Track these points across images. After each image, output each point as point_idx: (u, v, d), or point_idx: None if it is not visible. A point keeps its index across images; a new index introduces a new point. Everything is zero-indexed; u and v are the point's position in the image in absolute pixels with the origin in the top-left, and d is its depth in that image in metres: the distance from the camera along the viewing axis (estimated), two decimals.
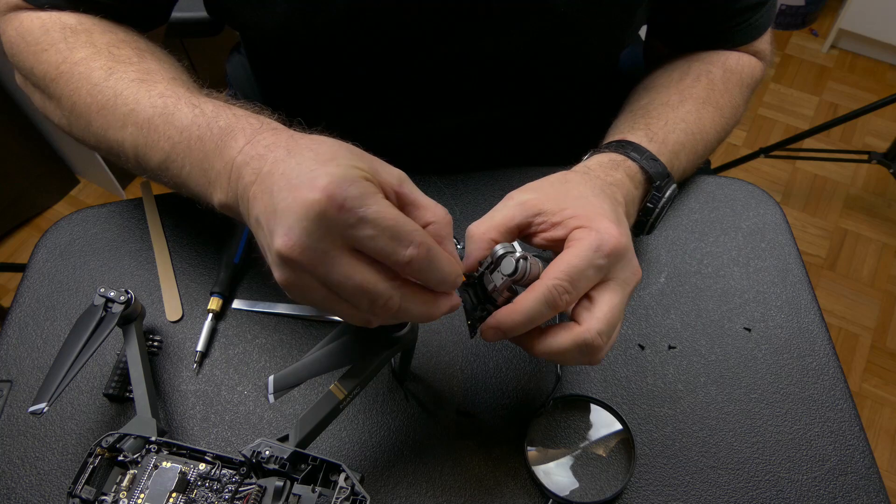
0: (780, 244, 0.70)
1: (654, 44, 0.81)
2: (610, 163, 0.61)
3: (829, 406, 0.60)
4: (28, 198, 1.87)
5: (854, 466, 0.57)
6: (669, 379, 0.61)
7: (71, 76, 0.57)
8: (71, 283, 0.66)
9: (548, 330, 0.50)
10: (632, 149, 0.62)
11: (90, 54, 0.58)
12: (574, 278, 0.48)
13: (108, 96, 0.55)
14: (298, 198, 0.40)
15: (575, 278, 0.48)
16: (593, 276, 0.49)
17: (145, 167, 0.55)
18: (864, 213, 2.01)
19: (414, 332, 0.52)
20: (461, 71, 0.70)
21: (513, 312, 0.48)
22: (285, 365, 0.61)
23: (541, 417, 0.58)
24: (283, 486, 0.45)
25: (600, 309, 0.49)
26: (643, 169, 0.61)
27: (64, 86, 0.57)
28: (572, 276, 0.48)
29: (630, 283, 0.51)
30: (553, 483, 0.55)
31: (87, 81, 0.56)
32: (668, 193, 0.62)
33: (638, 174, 0.61)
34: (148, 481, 0.46)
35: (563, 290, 0.48)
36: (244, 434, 0.58)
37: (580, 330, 0.49)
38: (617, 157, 0.61)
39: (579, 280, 0.48)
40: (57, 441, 0.57)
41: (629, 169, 0.61)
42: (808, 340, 0.63)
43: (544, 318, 0.49)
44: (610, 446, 0.57)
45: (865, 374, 1.70)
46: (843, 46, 2.46)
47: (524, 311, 0.48)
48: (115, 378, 0.59)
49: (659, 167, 0.61)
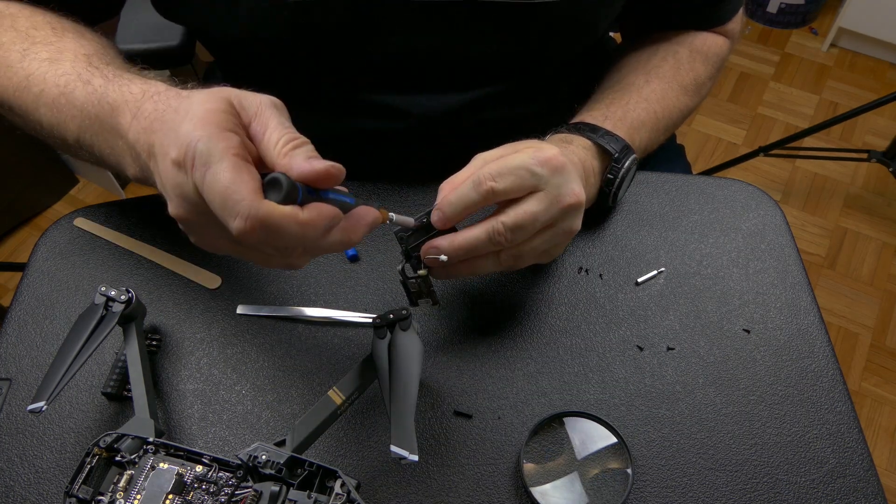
0: (780, 245, 0.69)
1: (627, 25, 0.85)
2: (562, 139, 0.64)
3: (827, 408, 0.60)
4: (28, 197, 1.87)
5: (853, 469, 0.57)
6: (668, 380, 0.61)
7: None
8: (70, 283, 0.66)
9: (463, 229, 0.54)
10: (587, 129, 0.65)
11: (10, 38, 0.58)
12: (503, 172, 0.52)
13: (20, 77, 0.56)
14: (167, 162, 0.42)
15: (504, 172, 0.52)
16: (525, 177, 0.52)
17: (67, 147, 0.56)
18: (864, 211, 2.01)
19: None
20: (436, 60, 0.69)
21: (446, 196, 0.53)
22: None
23: (536, 435, 0.57)
24: (278, 492, 0.45)
25: (518, 208, 0.53)
26: (596, 144, 0.64)
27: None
28: (501, 169, 0.52)
29: (562, 200, 0.54)
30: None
31: (4, 64, 0.57)
32: (626, 164, 0.65)
33: (592, 147, 0.65)
34: (145, 482, 0.46)
35: (489, 177, 0.52)
36: (242, 434, 0.58)
37: (491, 220, 0.53)
38: (568, 136, 0.65)
39: (508, 174, 0.52)
40: (55, 439, 0.57)
41: (582, 142, 0.64)
42: (808, 342, 0.63)
43: (472, 201, 0.52)
44: (607, 464, 0.57)
45: (865, 373, 1.70)
46: (842, 45, 2.46)
47: (456, 193, 0.53)
48: (113, 377, 0.59)
49: (614, 140, 0.65)
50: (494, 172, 0.52)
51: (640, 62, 0.76)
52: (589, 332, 0.64)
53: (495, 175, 0.52)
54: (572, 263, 0.68)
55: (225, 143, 0.40)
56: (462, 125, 0.74)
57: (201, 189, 0.40)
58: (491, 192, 0.52)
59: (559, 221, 0.56)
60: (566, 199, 0.54)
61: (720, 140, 2.20)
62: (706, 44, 0.79)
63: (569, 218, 0.56)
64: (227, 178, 0.39)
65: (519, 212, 0.53)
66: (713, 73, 0.80)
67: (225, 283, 0.66)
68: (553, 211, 0.54)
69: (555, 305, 0.65)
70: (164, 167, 0.42)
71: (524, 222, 0.53)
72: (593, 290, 0.66)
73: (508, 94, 0.74)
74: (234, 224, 0.39)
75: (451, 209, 0.53)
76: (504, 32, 0.66)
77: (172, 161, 0.41)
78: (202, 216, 0.42)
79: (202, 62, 1.70)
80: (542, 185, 0.53)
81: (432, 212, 0.54)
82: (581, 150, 0.63)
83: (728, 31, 0.81)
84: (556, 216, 0.55)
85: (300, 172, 0.41)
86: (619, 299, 0.66)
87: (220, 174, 0.39)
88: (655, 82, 0.73)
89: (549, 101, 0.80)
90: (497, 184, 0.51)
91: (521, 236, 0.54)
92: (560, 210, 0.54)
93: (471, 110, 0.73)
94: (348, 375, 0.52)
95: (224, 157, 0.40)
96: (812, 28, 2.52)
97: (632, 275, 0.67)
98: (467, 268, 0.56)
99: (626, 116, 0.68)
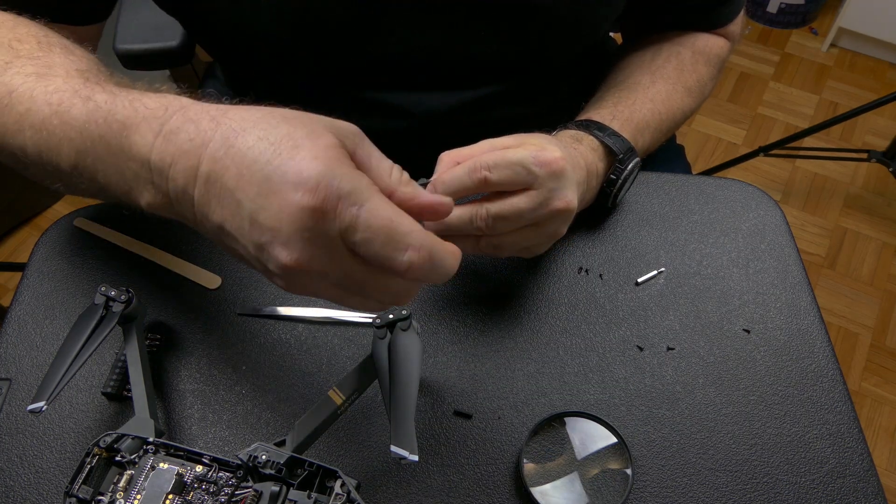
0: (780, 246, 0.69)
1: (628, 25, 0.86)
2: (573, 137, 0.64)
3: (827, 408, 0.60)
4: (28, 197, 1.87)
5: (853, 469, 0.57)
6: (668, 380, 0.61)
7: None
8: (70, 283, 0.66)
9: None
10: (595, 127, 0.65)
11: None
12: (500, 164, 0.52)
13: (1, 94, 0.49)
14: (285, 204, 0.35)
15: (501, 165, 0.52)
16: (520, 173, 0.52)
17: (59, 175, 0.49)
18: (864, 211, 2.01)
19: None
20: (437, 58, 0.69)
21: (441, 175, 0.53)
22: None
23: (536, 435, 0.57)
24: (279, 492, 0.45)
25: (506, 200, 0.53)
26: (604, 144, 0.64)
27: None
28: (499, 161, 0.52)
29: (552, 203, 0.54)
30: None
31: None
32: (630, 166, 0.65)
33: (599, 148, 0.65)
34: (145, 482, 0.46)
35: (484, 166, 0.52)
36: (242, 433, 0.58)
37: (477, 204, 0.54)
38: (578, 134, 0.65)
39: (504, 168, 0.52)
40: (55, 439, 0.57)
41: (591, 143, 0.64)
42: (808, 342, 0.63)
43: (464, 186, 0.52)
44: (607, 464, 0.57)
45: (865, 373, 1.70)
46: (842, 45, 2.46)
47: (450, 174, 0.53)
48: (113, 377, 0.59)
49: (620, 142, 0.65)
50: (491, 163, 0.52)
51: (644, 62, 0.76)
52: (589, 332, 0.64)
53: (492, 165, 0.52)
54: (572, 263, 0.68)
55: (366, 179, 0.37)
56: (462, 124, 0.74)
57: (355, 229, 0.36)
58: (483, 182, 0.52)
59: (545, 223, 0.56)
60: (556, 203, 0.54)
61: (720, 140, 2.20)
62: (708, 45, 0.79)
63: (555, 222, 0.56)
64: (388, 212, 0.37)
65: (506, 204, 0.53)
66: (715, 75, 0.80)
67: (225, 283, 0.66)
68: (540, 212, 0.54)
69: (555, 305, 0.65)
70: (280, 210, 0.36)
71: (508, 215, 0.53)
72: (593, 290, 0.66)
73: (509, 93, 0.74)
74: (405, 256, 0.37)
75: (442, 188, 0.53)
76: (504, 32, 0.66)
77: (303, 206, 0.35)
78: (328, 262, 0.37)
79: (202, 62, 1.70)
80: (536, 184, 0.53)
81: (427, 186, 0.55)
82: (589, 153, 0.64)
83: (729, 33, 0.82)
84: (543, 217, 0.55)
85: (423, 203, 0.41)
86: (619, 299, 0.66)
87: (380, 210, 0.36)
88: (661, 83, 0.73)
89: (549, 101, 0.81)
90: (491, 174, 0.52)
91: (502, 227, 0.54)
92: (548, 212, 0.55)
93: (471, 110, 0.73)
94: (348, 375, 0.52)
95: (373, 192, 0.37)
96: (812, 28, 2.52)
97: (632, 275, 0.67)
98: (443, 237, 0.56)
99: (633, 117, 0.69)
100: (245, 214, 0.37)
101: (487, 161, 0.52)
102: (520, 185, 0.53)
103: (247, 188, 0.36)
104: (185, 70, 1.76)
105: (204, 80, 1.00)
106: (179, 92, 0.45)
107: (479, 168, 0.52)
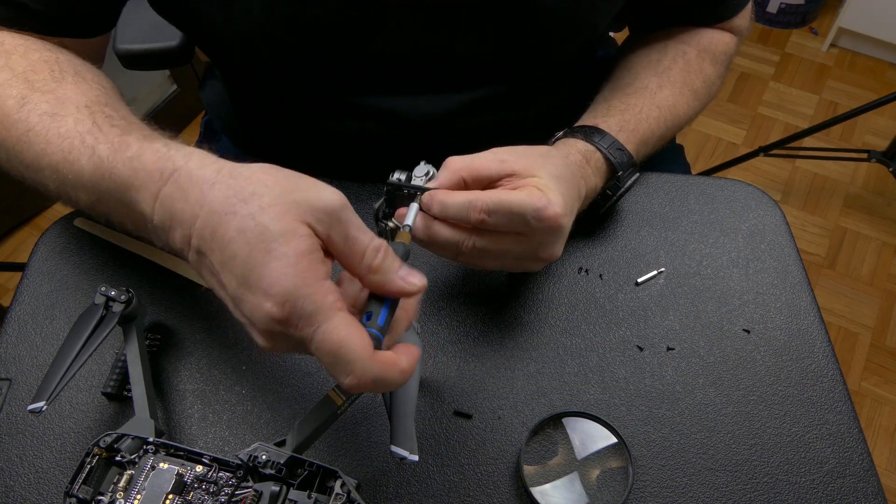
0: (780, 246, 0.70)
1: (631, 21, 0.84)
2: (583, 155, 0.64)
3: (827, 408, 0.60)
4: (28, 197, 1.87)
5: (852, 469, 0.57)
6: (668, 380, 0.61)
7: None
8: (70, 283, 0.66)
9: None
10: (602, 137, 0.65)
11: (5, 79, 0.55)
12: (500, 210, 0.52)
13: (21, 131, 0.53)
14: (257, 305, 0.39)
15: (500, 210, 0.52)
16: (517, 223, 0.53)
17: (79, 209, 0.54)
18: (864, 211, 2.01)
19: None
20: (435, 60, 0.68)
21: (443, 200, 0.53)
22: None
23: (536, 435, 0.58)
24: (279, 492, 0.45)
25: (494, 237, 0.54)
26: (608, 160, 0.65)
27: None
28: (500, 206, 0.52)
29: (539, 253, 0.56)
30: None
31: (1, 112, 0.54)
32: (627, 184, 0.66)
33: (604, 166, 0.65)
34: (145, 482, 0.46)
35: (484, 208, 0.52)
36: (242, 434, 0.58)
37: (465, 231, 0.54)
38: (588, 149, 0.65)
39: (503, 214, 0.52)
40: (55, 439, 0.57)
41: (597, 162, 0.65)
42: (808, 342, 0.63)
43: (461, 219, 0.53)
44: (607, 464, 0.57)
45: (865, 373, 1.70)
46: (842, 45, 2.46)
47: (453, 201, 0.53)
48: (113, 377, 0.59)
49: (624, 157, 0.65)
50: (491, 206, 0.52)
51: (650, 62, 0.75)
52: (589, 332, 0.64)
53: (491, 209, 0.52)
54: (572, 263, 0.68)
55: (331, 296, 0.39)
56: (461, 127, 0.73)
57: (309, 344, 0.39)
58: (480, 223, 0.53)
59: (523, 259, 0.57)
60: (542, 254, 0.56)
61: (720, 140, 2.20)
62: (713, 42, 0.78)
63: (533, 262, 0.58)
64: (338, 336, 0.39)
65: (494, 237, 0.55)
66: (722, 73, 0.79)
67: None
68: (525, 255, 0.56)
69: (555, 305, 0.65)
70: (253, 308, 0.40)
71: (493, 250, 0.55)
72: (593, 290, 0.66)
73: (508, 95, 0.74)
74: (346, 381, 0.39)
75: (439, 211, 0.54)
76: (503, 31, 0.66)
77: (271, 316, 0.39)
78: (293, 349, 0.42)
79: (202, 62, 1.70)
80: (529, 233, 0.54)
81: (426, 198, 0.55)
82: (594, 177, 0.64)
83: (735, 28, 0.80)
84: (524, 256, 0.57)
85: (395, 290, 0.42)
86: (619, 299, 0.66)
87: (331, 334, 0.39)
88: (668, 88, 0.72)
89: (548, 103, 0.80)
90: (489, 218, 0.52)
91: (482, 253, 0.55)
92: (531, 255, 0.57)
93: (470, 112, 0.73)
94: None
95: (332, 314, 0.39)
96: (812, 28, 2.52)
97: (632, 275, 0.67)
98: (427, 245, 0.57)
99: (639, 128, 0.68)
100: (229, 293, 0.42)
101: (487, 203, 0.52)
102: (513, 230, 0.54)
103: (229, 276, 0.41)
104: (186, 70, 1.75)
105: (204, 80, 1.00)
106: (172, 137, 0.49)
107: (478, 210, 0.52)
